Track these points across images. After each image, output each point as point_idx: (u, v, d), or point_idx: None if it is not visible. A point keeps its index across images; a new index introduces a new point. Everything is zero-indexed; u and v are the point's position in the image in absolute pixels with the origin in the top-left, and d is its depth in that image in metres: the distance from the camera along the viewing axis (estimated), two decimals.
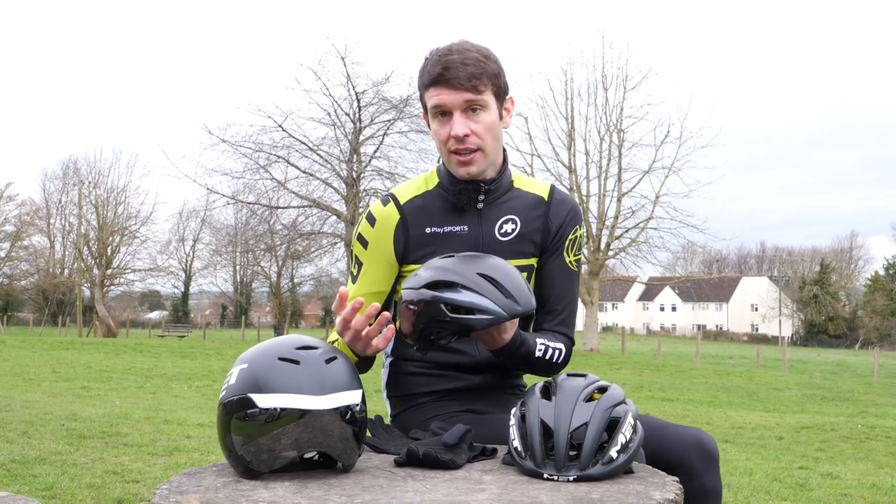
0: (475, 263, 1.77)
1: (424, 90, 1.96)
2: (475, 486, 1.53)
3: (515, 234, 2.04)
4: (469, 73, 1.89)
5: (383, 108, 33.71)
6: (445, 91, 1.91)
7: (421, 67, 1.97)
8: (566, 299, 2.08)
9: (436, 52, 1.95)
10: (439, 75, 1.90)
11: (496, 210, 2.04)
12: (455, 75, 1.89)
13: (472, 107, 1.92)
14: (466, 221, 2.02)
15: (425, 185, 2.06)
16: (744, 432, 9.89)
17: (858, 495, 5.73)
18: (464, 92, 1.90)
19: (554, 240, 2.07)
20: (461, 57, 1.90)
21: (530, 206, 2.07)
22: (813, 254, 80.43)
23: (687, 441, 1.86)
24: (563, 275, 2.08)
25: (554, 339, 2.01)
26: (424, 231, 2.01)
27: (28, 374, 15.31)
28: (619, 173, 33.40)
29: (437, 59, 1.92)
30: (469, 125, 1.92)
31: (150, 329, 53.74)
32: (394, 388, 2.13)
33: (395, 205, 2.03)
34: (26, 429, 6.94)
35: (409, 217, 2.02)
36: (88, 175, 51.43)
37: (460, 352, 2.03)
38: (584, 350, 31.35)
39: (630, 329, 72.26)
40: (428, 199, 2.04)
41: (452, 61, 1.90)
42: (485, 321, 1.71)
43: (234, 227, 45.74)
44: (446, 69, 1.89)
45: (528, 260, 2.05)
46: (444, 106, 1.92)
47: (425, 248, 2.00)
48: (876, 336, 63.56)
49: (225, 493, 1.46)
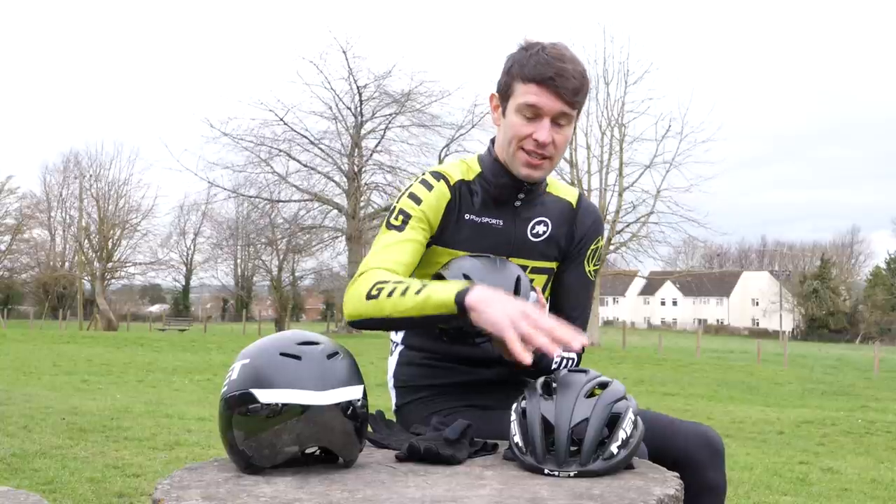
0: (475, 267, 1.83)
1: (521, 82, 1.89)
2: (476, 481, 1.53)
3: (545, 237, 2.05)
4: (576, 87, 1.87)
5: (385, 101, 33.75)
6: (549, 96, 1.87)
7: (521, 57, 1.91)
8: (581, 307, 2.11)
9: (543, 48, 1.89)
10: (550, 79, 1.85)
11: (531, 210, 2.05)
12: (564, 85, 1.86)
13: (562, 119, 1.90)
14: (503, 216, 2.02)
15: (468, 171, 2.05)
16: (744, 427, 9.90)
17: (859, 490, 5.74)
18: (564, 104, 1.88)
19: (577, 247, 2.09)
20: (574, 68, 1.87)
21: (561, 211, 2.08)
22: (814, 248, 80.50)
23: (693, 436, 1.87)
24: (582, 283, 2.11)
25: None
26: (464, 217, 2.01)
27: (28, 368, 15.32)
28: (621, 168, 33.39)
29: (548, 60, 1.86)
30: (553, 135, 1.90)
31: (151, 323, 53.79)
32: (401, 378, 2.12)
33: (446, 184, 2.01)
34: (27, 423, 6.95)
35: (455, 200, 2.01)
36: (89, 168, 51.55)
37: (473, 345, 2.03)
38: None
39: (631, 323, 72.35)
40: (470, 187, 2.03)
41: (566, 70, 1.86)
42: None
43: (235, 220, 45.82)
44: (559, 75, 1.85)
45: (551, 263, 2.07)
46: (541, 109, 1.88)
47: (460, 234, 2.00)
48: (876, 330, 63.60)
49: (226, 488, 1.46)
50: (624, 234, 34.03)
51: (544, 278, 2.08)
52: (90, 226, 49.65)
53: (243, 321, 45.75)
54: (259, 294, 68.95)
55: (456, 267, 1.84)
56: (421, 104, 33.34)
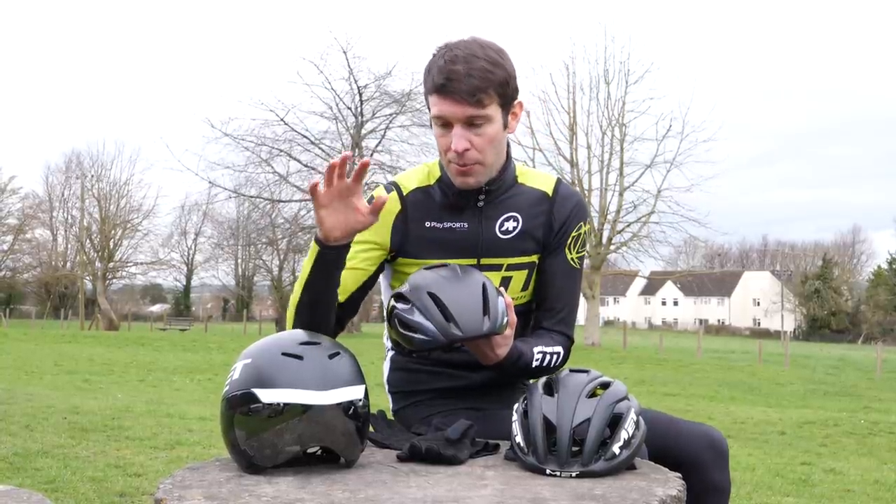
0: (435, 281, 1.75)
1: (429, 94, 1.86)
2: (478, 481, 1.53)
3: (517, 232, 1.99)
4: (473, 87, 1.79)
5: (385, 102, 33.72)
6: (447, 103, 1.82)
7: (427, 66, 1.87)
8: (566, 297, 2.03)
9: (441, 54, 1.84)
10: (442, 86, 1.81)
11: (497, 208, 1.99)
12: (457, 88, 1.79)
13: (474, 121, 1.83)
14: (466, 219, 1.97)
15: (427, 178, 2.01)
16: (746, 427, 9.89)
17: (861, 491, 5.73)
18: (466, 106, 1.81)
19: (557, 236, 2.02)
20: (466, 67, 1.79)
21: (533, 202, 2.01)
22: (815, 248, 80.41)
23: (696, 437, 1.86)
24: (564, 272, 2.03)
25: (552, 341, 1.98)
26: (424, 224, 1.97)
27: (30, 367, 15.33)
28: (621, 167, 33.35)
29: (440, 67, 1.82)
30: (470, 138, 1.84)
31: (152, 322, 53.81)
32: (395, 384, 2.11)
33: (397, 194, 1.98)
34: (28, 422, 6.95)
35: (410, 209, 1.97)
36: (91, 168, 51.59)
37: (461, 350, 2.01)
38: (585, 344, 31.33)
39: (631, 323, 72.31)
40: (430, 193, 1.99)
41: (456, 72, 1.79)
42: (421, 341, 1.71)
43: (235, 220, 45.91)
44: (449, 80, 1.79)
45: (530, 257, 2.01)
46: (445, 118, 1.84)
47: (423, 242, 1.96)
48: (879, 331, 63.51)
49: (228, 487, 1.46)
50: (624, 234, 33.99)
51: (524, 274, 2.01)
52: (92, 226, 49.68)
53: (244, 321, 45.75)
54: (260, 294, 68.98)
55: (415, 282, 1.76)
56: (421, 104, 33.23)
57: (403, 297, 1.74)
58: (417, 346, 1.73)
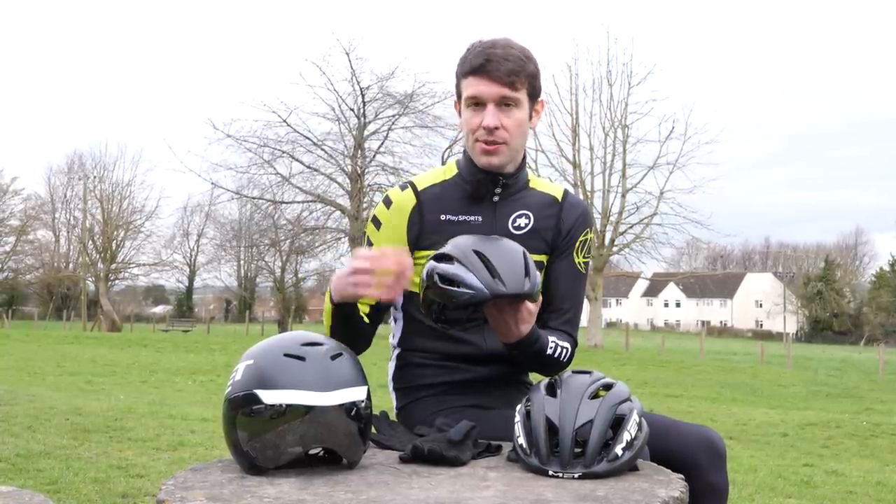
0: (479, 242, 1.81)
1: (462, 78, 1.99)
2: (480, 482, 1.53)
3: (528, 229, 2.06)
4: (509, 69, 1.93)
5: (388, 103, 33.72)
6: (484, 82, 1.94)
7: (462, 56, 2.00)
8: (572, 299, 2.10)
9: (479, 43, 1.99)
10: (480, 66, 1.94)
11: (511, 205, 2.07)
12: (496, 68, 1.93)
13: (506, 102, 1.96)
14: (481, 212, 2.05)
15: (444, 175, 2.10)
16: (748, 429, 9.89)
17: (864, 493, 5.73)
18: (501, 86, 1.94)
19: (564, 240, 2.09)
20: (504, 52, 1.94)
21: (544, 204, 2.10)
22: (817, 250, 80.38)
23: (695, 439, 1.86)
24: (571, 275, 2.10)
25: (561, 337, 2.03)
26: (439, 218, 2.04)
27: (33, 368, 15.34)
28: (624, 169, 33.34)
29: (479, 51, 1.96)
30: (501, 119, 1.96)
31: (155, 323, 53.78)
32: (400, 380, 2.14)
33: (412, 191, 2.06)
34: (31, 423, 6.96)
35: (426, 203, 2.05)
36: (93, 169, 51.61)
37: (468, 342, 2.04)
38: (587, 346, 31.33)
39: (634, 325, 72.24)
40: (445, 188, 2.07)
41: (495, 55, 1.93)
42: (465, 295, 1.73)
43: (238, 221, 45.88)
44: (488, 61, 1.93)
45: (539, 256, 2.06)
46: (481, 97, 1.96)
47: (438, 235, 2.00)
48: (881, 333, 63.40)
49: (230, 488, 1.47)
50: (627, 236, 33.98)
51: None
52: (94, 227, 49.74)
53: (246, 322, 45.76)
54: (262, 295, 68.99)
55: (459, 243, 1.80)
56: (424, 105, 33.34)
57: (446, 256, 1.78)
58: (461, 301, 1.74)
